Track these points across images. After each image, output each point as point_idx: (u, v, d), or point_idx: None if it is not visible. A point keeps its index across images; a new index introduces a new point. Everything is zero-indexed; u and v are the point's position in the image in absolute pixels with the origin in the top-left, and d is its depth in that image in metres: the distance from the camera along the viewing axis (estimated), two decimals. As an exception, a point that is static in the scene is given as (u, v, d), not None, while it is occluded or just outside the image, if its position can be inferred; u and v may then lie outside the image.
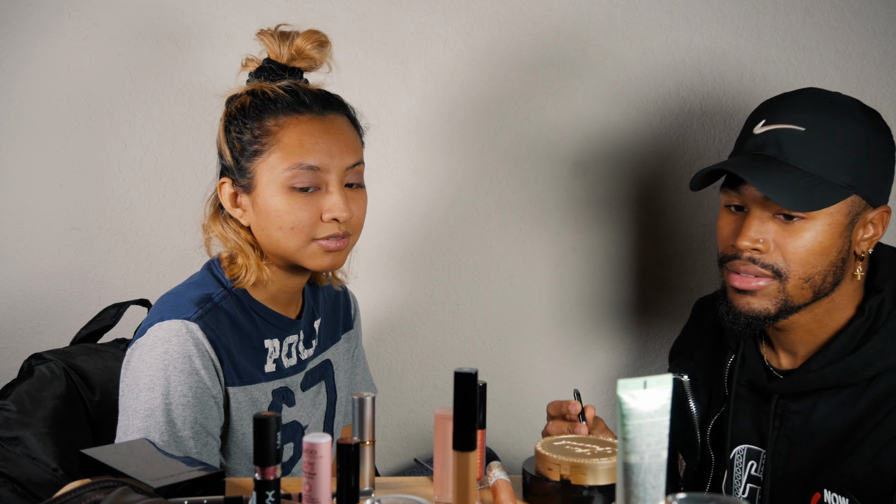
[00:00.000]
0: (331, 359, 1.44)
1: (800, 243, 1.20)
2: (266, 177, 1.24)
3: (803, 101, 1.24)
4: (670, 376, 0.73)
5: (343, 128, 1.28)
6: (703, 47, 1.78)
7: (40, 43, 1.64)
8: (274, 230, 1.24)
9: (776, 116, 1.23)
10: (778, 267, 1.21)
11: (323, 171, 1.24)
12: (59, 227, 1.69)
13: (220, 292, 1.26)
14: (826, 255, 1.20)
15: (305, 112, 1.25)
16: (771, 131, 1.22)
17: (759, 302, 1.22)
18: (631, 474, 0.70)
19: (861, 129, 1.20)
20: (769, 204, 1.20)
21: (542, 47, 1.76)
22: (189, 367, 1.18)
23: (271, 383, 1.30)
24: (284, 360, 1.33)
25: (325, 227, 1.25)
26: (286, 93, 1.25)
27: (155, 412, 1.16)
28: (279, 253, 1.26)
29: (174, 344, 1.18)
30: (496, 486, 0.96)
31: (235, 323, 1.25)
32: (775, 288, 1.21)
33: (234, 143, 1.26)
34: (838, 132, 1.20)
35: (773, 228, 1.21)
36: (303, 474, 0.85)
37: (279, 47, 1.28)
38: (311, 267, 1.26)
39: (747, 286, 1.22)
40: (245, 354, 1.26)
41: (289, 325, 1.33)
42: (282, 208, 1.23)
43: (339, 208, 1.23)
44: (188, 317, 1.20)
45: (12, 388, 1.33)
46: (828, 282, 1.22)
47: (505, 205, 1.80)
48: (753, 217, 1.22)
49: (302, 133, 1.24)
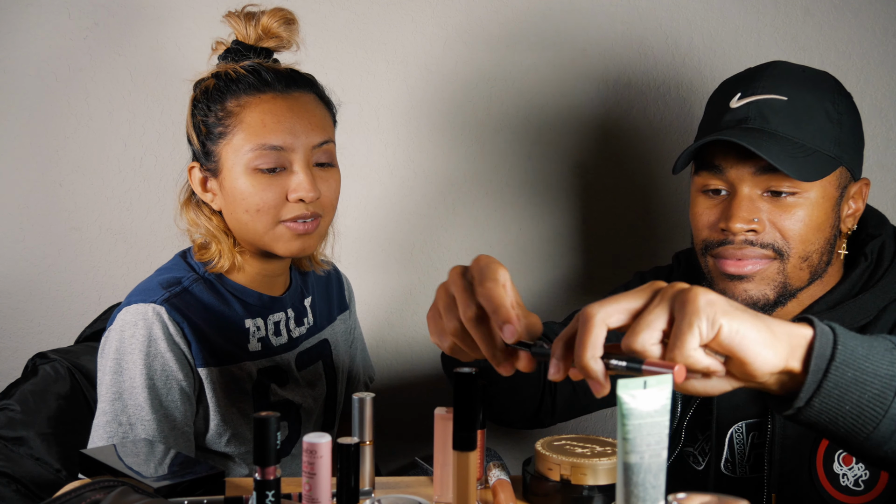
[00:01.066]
0: (328, 338, 1.43)
1: (796, 219, 1.14)
2: (231, 159, 1.23)
3: (777, 72, 1.19)
4: (670, 376, 0.72)
5: (308, 105, 1.26)
6: (703, 47, 1.78)
7: (40, 43, 1.64)
8: (241, 213, 1.23)
9: (752, 88, 1.17)
10: (778, 245, 1.15)
11: (287, 151, 1.22)
12: (59, 227, 1.69)
13: (191, 276, 1.26)
14: (822, 230, 1.16)
15: (268, 91, 1.23)
16: (752, 103, 1.16)
17: (757, 288, 1.16)
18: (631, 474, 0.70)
19: (838, 97, 1.17)
20: (758, 181, 1.14)
21: (542, 47, 1.76)
22: (153, 349, 1.18)
23: (256, 362, 1.29)
24: (272, 338, 1.32)
25: (291, 207, 1.22)
26: (248, 73, 1.23)
27: (122, 395, 1.18)
28: (248, 238, 1.26)
29: (140, 327, 1.18)
30: (496, 486, 0.96)
31: (207, 306, 1.25)
32: (775, 269, 1.15)
33: (200, 126, 1.25)
34: (818, 102, 1.15)
35: (765, 207, 1.15)
36: (303, 474, 0.85)
37: (246, 28, 1.27)
38: (280, 252, 1.25)
39: (743, 270, 1.16)
40: (222, 335, 1.25)
41: (271, 303, 1.32)
42: (246, 190, 1.22)
43: (305, 188, 1.21)
44: (154, 300, 1.20)
45: (16, 388, 1.33)
46: (823, 261, 1.18)
47: (505, 204, 1.80)
48: (742, 197, 1.15)
49: (264, 112, 1.22)
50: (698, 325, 0.71)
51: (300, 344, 1.36)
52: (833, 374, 0.75)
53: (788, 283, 1.17)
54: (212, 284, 1.27)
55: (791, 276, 1.16)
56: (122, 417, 1.17)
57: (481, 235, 1.80)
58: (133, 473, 0.94)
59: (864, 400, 0.75)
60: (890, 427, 0.76)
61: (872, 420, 0.76)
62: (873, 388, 0.75)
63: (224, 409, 1.24)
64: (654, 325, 0.73)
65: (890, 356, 0.77)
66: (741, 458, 1.23)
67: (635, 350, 0.72)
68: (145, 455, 1.03)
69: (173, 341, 1.19)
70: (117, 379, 1.18)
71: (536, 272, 1.82)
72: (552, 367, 0.77)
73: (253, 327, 1.29)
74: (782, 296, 1.17)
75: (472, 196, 1.79)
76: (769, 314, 1.18)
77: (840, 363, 0.75)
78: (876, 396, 0.75)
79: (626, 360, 0.73)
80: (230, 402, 1.25)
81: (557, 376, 0.77)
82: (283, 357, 1.33)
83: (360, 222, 1.76)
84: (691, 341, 0.71)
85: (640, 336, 0.72)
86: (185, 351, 1.21)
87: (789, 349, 0.75)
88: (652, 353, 0.72)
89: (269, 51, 1.29)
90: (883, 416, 0.76)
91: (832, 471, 1.15)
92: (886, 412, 0.75)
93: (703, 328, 0.71)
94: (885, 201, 1.83)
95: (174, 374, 1.19)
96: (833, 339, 0.76)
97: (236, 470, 1.29)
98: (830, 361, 0.75)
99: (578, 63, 1.77)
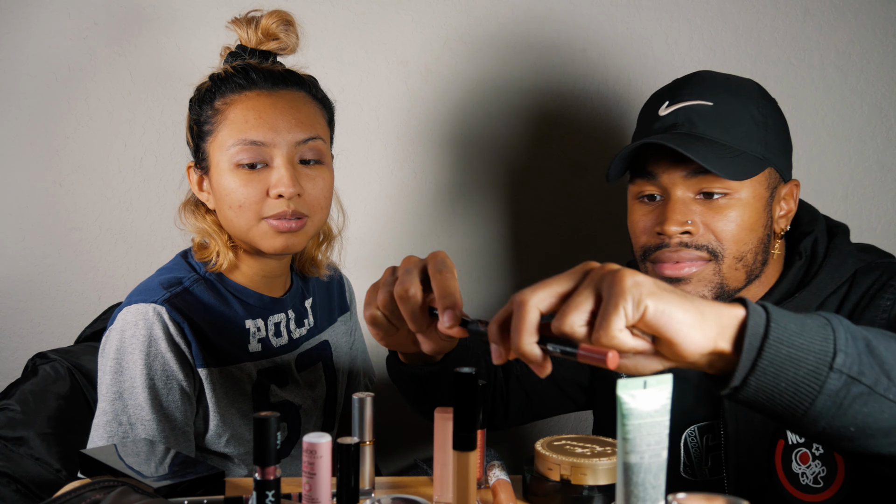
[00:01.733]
0: (328, 339, 1.43)
1: (729, 219, 1.16)
2: (217, 156, 1.24)
3: (702, 80, 1.22)
4: (670, 376, 0.72)
5: (296, 102, 1.26)
6: (703, 47, 1.78)
7: (40, 43, 1.64)
8: (227, 209, 1.24)
9: (679, 96, 1.20)
10: (712, 247, 1.16)
11: (268, 146, 1.22)
12: (59, 227, 1.69)
13: (192, 276, 1.26)
14: (754, 230, 1.17)
15: (253, 88, 1.24)
16: (679, 109, 1.18)
17: (695, 289, 1.17)
18: (631, 474, 0.70)
19: (763, 102, 1.20)
20: (690, 184, 1.16)
21: (542, 47, 1.76)
22: (154, 349, 1.18)
23: (256, 363, 1.29)
24: (273, 339, 1.32)
25: (272, 204, 1.22)
26: (237, 72, 1.25)
27: (123, 395, 1.18)
28: (237, 234, 1.26)
29: (140, 327, 1.18)
30: (496, 486, 0.96)
31: (207, 306, 1.25)
32: (711, 271, 1.17)
33: (193, 126, 1.27)
34: (743, 106, 1.18)
35: (697, 209, 1.17)
36: (303, 474, 0.85)
37: (247, 32, 1.28)
38: (265, 249, 1.25)
39: (680, 273, 1.17)
40: (223, 336, 1.25)
41: (271, 304, 1.33)
42: (230, 186, 1.22)
43: (284, 183, 1.21)
44: (155, 300, 1.20)
45: (16, 388, 1.33)
46: (758, 260, 1.19)
47: (505, 204, 1.80)
48: (675, 200, 1.17)
49: (247, 109, 1.23)
50: (623, 306, 0.72)
51: (300, 345, 1.36)
52: (767, 352, 0.75)
53: (725, 284, 1.18)
54: (212, 284, 1.27)
55: (727, 276, 1.18)
56: (123, 417, 1.17)
57: (480, 236, 1.80)
58: (133, 473, 0.94)
59: (800, 376, 0.75)
60: (826, 402, 0.75)
61: (808, 395, 0.75)
62: (808, 364, 0.75)
63: (224, 409, 1.24)
64: (582, 308, 0.74)
65: (823, 332, 0.77)
66: (698, 462, 1.24)
67: (564, 332, 0.74)
68: (145, 455, 1.03)
69: (174, 341, 1.19)
70: (117, 379, 1.18)
71: (536, 272, 1.82)
72: (493, 352, 0.80)
73: (253, 328, 1.29)
74: (720, 296, 1.18)
75: (471, 196, 1.79)
76: None
77: (774, 340, 0.75)
78: (811, 372, 0.75)
79: (561, 344, 0.74)
80: (230, 402, 1.25)
81: (500, 360, 0.80)
82: (283, 358, 1.33)
83: (360, 222, 1.76)
84: (616, 322, 0.72)
85: (568, 318, 0.73)
86: (185, 351, 1.20)
87: (718, 329, 0.75)
88: (580, 335, 0.74)
89: (271, 53, 1.30)
90: (819, 392, 0.75)
91: (791, 471, 1.16)
92: (822, 388, 0.75)
93: (628, 309, 0.72)
94: (885, 201, 1.83)
95: (174, 374, 1.19)
96: (766, 317, 0.76)
97: (235, 471, 1.28)
98: (764, 339, 0.75)
99: (578, 63, 1.77)
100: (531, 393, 1.39)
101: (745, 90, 1.21)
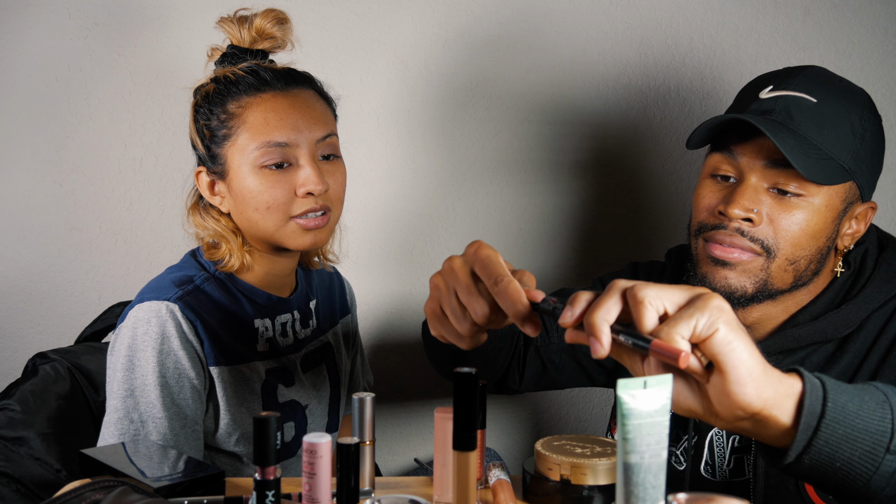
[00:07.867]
0: (330, 342, 1.44)
1: (794, 220, 1.13)
2: (237, 160, 1.24)
3: (813, 75, 1.17)
4: (670, 376, 0.72)
5: (309, 101, 1.27)
6: (703, 47, 1.78)
7: (40, 43, 1.64)
8: (251, 212, 1.24)
9: (785, 84, 1.16)
10: (768, 243, 1.13)
11: (292, 147, 1.23)
12: (59, 227, 1.69)
13: (202, 275, 1.27)
14: (816, 238, 1.15)
15: (267, 90, 1.25)
16: (780, 97, 1.14)
17: (738, 278, 1.15)
18: (631, 474, 0.70)
19: (867, 115, 1.17)
20: (767, 174, 1.13)
21: (542, 47, 1.76)
22: (167, 347, 1.18)
23: (265, 362, 1.29)
24: (279, 339, 1.32)
25: (300, 202, 1.24)
26: (247, 74, 1.25)
27: (134, 392, 1.17)
28: (260, 235, 1.26)
29: (153, 325, 1.18)
30: (496, 486, 0.96)
31: (219, 304, 1.25)
32: (759, 265, 1.14)
33: (203, 131, 1.26)
34: (846, 112, 1.14)
35: (767, 201, 1.14)
36: (303, 474, 0.85)
37: (239, 31, 1.28)
38: (292, 247, 1.26)
39: (729, 257, 1.14)
40: (233, 335, 1.26)
41: (279, 304, 1.33)
42: (255, 189, 1.22)
43: (313, 181, 1.22)
44: (168, 297, 1.20)
45: (16, 388, 1.33)
46: (810, 269, 1.17)
47: (505, 204, 1.80)
48: (748, 186, 1.14)
49: (266, 111, 1.23)
50: (698, 317, 0.72)
51: (305, 346, 1.37)
52: (823, 432, 0.73)
53: (770, 282, 1.16)
54: (223, 283, 1.28)
55: (774, 275, 1.15)
56: (134, 415, 1.17)
57: (481, 235, 1.80)
58: (133, 473, 0.94)
59: (855, 457, 0.74)
60: (880, 483, 0.75)
61: (863, 476, 0.75)
62: (864, 445, 0.74)
63: (234, 408, 1.24)
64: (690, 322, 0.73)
65: (881, 411, 0.75)
66: (721, 462, 1.23)
67: (667, 339, 0.72)
68: (145, 455, 1.03)
69: (186, 339, 1.20)
70: (129, 376, 1.18)
71: (536, 272, 1.82)
72: (565, 313, 0.78)
73: (262, 327, 1.30)
74: (760, 292, 1.16)
75: (471, 196, 1.79)
76: (743, 308, 1.18)
77: (830, 420, 0.73)
78: (867, 454, 0.74)
79: (634, 335, 0.73)
80: (240, 401, 1.25)
81: (568, 322, 0.77)
82: (290, 358, 1.33)
83: (360, 222, 1.76)
84: (682, 327, 0.71)
85: (675, 328, 0.72)
86: (197, 349, 1.21)
87: (773, 393, 0.73)
88: (680, 346, 0.72)
89: (265, 52, 1.30)
90: (874, 473, 0.74)
91: None
92: (877, 469, 0.74)
93: (700, 322, 0.71)
94: (885, 201, 1.83)
95: (186, 372, 1.19)
96: (823, 394, 0.74)
97: (245, 470, 1.28)
98: (821, 419, 0.73)
99: (578, 63, 1.77)
100: (547, 363, 1.37)
101: (853, 97, 1.17)
